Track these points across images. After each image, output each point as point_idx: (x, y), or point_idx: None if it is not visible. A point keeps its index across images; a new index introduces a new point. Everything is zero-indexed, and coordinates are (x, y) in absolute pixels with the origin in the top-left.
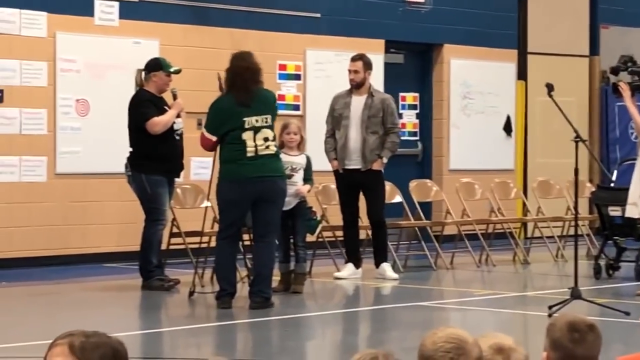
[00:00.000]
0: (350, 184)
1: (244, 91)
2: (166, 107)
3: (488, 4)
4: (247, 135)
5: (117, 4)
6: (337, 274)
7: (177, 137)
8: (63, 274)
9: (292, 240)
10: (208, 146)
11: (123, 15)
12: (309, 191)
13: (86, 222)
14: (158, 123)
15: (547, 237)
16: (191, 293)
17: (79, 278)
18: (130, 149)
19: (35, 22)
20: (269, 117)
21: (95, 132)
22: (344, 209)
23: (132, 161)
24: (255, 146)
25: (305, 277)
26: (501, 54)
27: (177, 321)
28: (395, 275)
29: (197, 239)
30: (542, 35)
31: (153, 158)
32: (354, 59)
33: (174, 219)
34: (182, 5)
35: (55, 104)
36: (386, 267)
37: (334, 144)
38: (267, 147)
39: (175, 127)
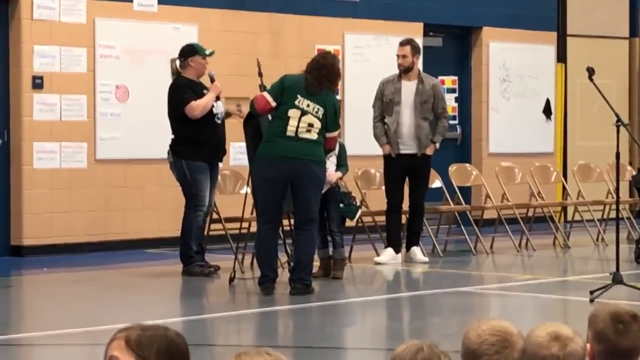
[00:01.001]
0: (402, 168)
1: (315, 82)
2: (205, 92)
3: None
4: (293, 113)
5: None
6: (377, 259)
7: (218, 121)
8: (104, 260)
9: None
10: (262, 107)
11: (162, 0)
12: (341, 178)
13: (127, 207)
14: (197, 107)
15: (588, 221)
16: (231, 279)
17: (120, 264)
18: (172, 136)
19: (75, 8)
20: (321, 110)
21: (135, 117)
22: (391, 193)
23: (173, 147)
24: (297, 127)
25: (344, 262)
26: (540, 37)
27: (218, 307)
28: (426, 259)
29: (237, 225)
30: (582, 18)
31: (194, 143)
32: (402, 44)
33: (214, 205)
34: None
35: (94, 90)
36: (416, 250)
37: (385, 129)
38: (309, 131)
39: (215, 110)
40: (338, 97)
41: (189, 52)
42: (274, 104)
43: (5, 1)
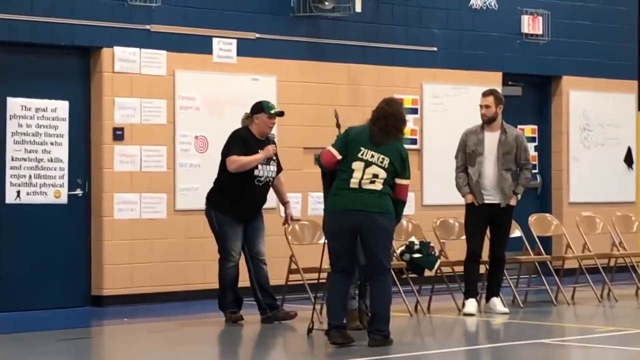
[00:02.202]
0: (485, 217)
1: (381, 131)
2: (260, 151)
3: (606, 34)
4: (356, 166)
5: (235, 41)
6: (466, 310)
7: (259, 184)
8: (184, 310)
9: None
10: (328, 161)
11: (241, 52)
12: None
13: (206, 257)
14: (235, 161)
15: None
16: (310, 330)
17: (200, 314)
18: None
19: (155, 60)
20: (387, 159)
21: (214, 168)
22: (472, 242)
23: (208, 194)
24: (361, 178)
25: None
26: (621, 85)
27: (295, 358)
28: (506, 310)
29: (315, 275)
30: None
31: (225, 197)
32: (485, 94)
33: (292, 255)
34: (299, 41)
35: (174, 140)
36: (496, 301)
37: (467, 179)
38: (373, 182)
39: (259, 173)
40: (416, 146)
41: (255, 109)
42: (339, 157)
43: (87, 55)
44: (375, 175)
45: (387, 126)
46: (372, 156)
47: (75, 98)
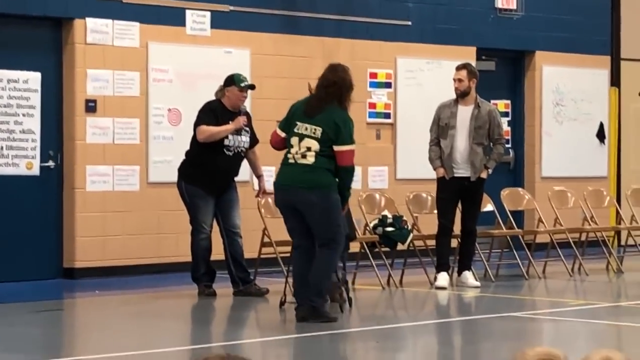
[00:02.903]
0: (456, 191)
1: (316, 102)
2: (230, 123)
3: (580, 10)
4: (294, 141)
5: (208, 13)
6: (438, 284)
7: (229, 153)
8: (156, 283)
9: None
10: (274, 142)
11: (214, 25)
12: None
13: (179, 230)
14: (204, 131)
15: None
16: (282, 303)
17: (172, 286)
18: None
19: (128, 32)
20: (319, 129)
21: (187, 141)
22: (443, 216)
23: (179, 166)
24: (296, 153)
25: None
26: (594, 61)
27: (267, 332)
28: (477, 283)
29: (288, 248)
30: (636, 41)
31: (195, 167)
32: (458, 68)
33: (265, 228)
34: (273, 14)
35: (147, 113)
36: (468, 274)
37: (439, 152)
38: (305, 156)
39: (229, 143)
40: (390, 120)
41: (227, 81)
42: (283, 135)
43: (59, 26)
44: (308, 149)
45: (328, 95)
46: (306, 129)
47: (47, 69)
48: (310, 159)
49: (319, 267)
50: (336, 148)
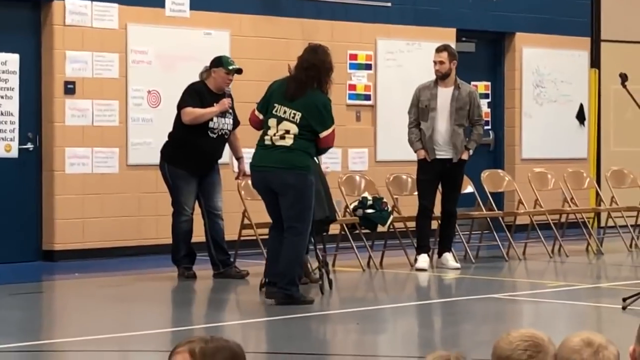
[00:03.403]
0: (437, 173)
1: (295, 84)
2: (214, 105)
3: None
4: (271, 122)
5: None
6: (418, 266)
7: (213, 135)
8: (136, 265)
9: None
10: (253, 122)
11: (194, 6)
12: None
13: (159, 212)
14: (190, 113)
15: (621, 227)
16: (262, 285)
17: (152, 269)
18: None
19: (107, 13)
20: (298, 114)
21: (167, 123)
22: (423, 198)
23: (162, 148)
24: (273, 135)
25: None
26: (574, 42)
27: (247, 313)
28: (457, 265)
29: (267, 230)
30: (616, 23)
31: (179, 149)
32: (439, 50)
33: (245, 211)
34: None
35: (127, 95)
36: (449, 256)
37: (419, 134)
38: (283, 138)
39: (213, 125)
40: (370, 102)
41: (215, 62)
42: (261, 117)
43: (38, 7)
44: (287, 131)
45: (307, 78)
46: (285, 112)
47: (26, 51)
48: (289, 140)
49: (288, 254)
50: (321, 135)
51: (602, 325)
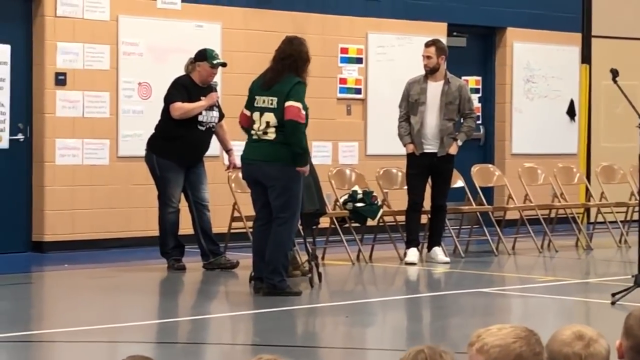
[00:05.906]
0: (425, 167)
1: (272, 74)
2: (203, 98)
3: None
4: (255, 116)
5: None
6: (408, 260)
7: (202, 128)
8: (125, 257)
9: None
10: (243, 122)
11: None
12: None
13: (148, 204)
14: (179, 108)
15: (611, 223)
16: (252, 278)
17: (141, 261)
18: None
19: (98, 5)
20: (275, 99)
21: (157, 115)
22: (413, 192)
23: (149, 140)
24: (258, 129)
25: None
26: (565, 38)
27: (236, 306)
28: (447, 259)
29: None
30: (607, 18)
31: (168, 141)
32: (427, 45)
33: (235, 203)
34: None
35: (117, 87)
36: (438, 250)
37: (409, 128)
38: (266, 132)
39: (202, 118)
40: (361, 96)
41: (199, 56)
42: (249, 113)
43: None
44: (267, 124)
45: (284, 67)
46: (264, 101)
47: (17, 42)
48: (271, 135)
49: (275, 244)
50: (286, 103)
51: (591, 320)
